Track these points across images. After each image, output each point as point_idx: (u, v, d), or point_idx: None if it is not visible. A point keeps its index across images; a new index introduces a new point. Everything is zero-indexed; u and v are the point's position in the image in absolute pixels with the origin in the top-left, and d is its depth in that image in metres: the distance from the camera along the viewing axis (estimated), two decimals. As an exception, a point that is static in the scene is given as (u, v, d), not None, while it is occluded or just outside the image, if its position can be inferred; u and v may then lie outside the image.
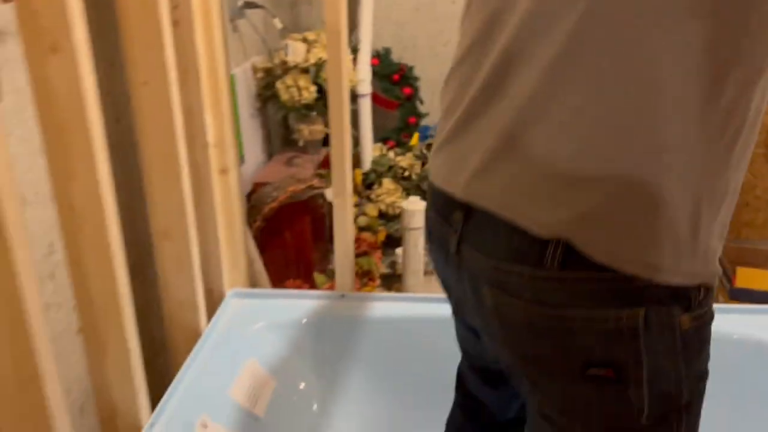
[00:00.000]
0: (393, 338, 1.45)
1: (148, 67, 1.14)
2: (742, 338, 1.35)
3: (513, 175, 0.61)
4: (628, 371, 0.60)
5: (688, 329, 0.60)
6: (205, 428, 1.14)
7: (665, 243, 0.58)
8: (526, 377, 0.67)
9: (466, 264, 0.67)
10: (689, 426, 0.65)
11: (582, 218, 0.58)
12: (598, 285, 0.58)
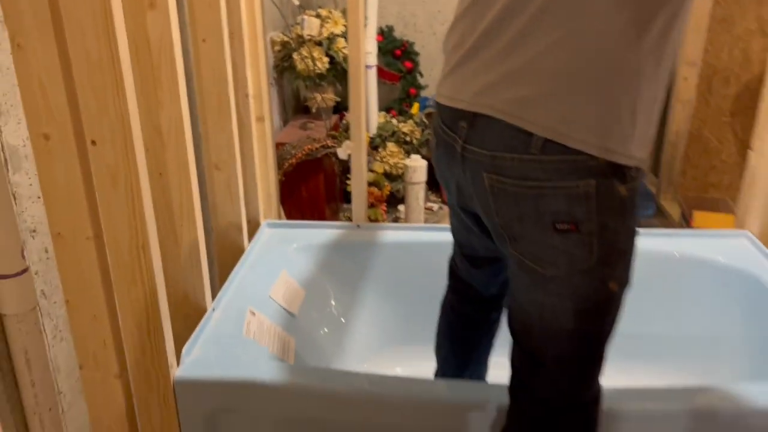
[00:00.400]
0: (399, 259, 1.74)
1: (207, 27, 1.42)
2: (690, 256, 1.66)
3: (508, 90, 0.88)
4: (584, 225, 0.86)
5: (625, 196, 0.87)
6: (254, 315, 1.43)
7: (616, 135, 0.85)
8: (513, 236, 0.93)
9: (469, 159, 0.93)
10: (625, 266, 0.93)
11: (560, 118, 0.84)
12: (566, 164, 0.85)
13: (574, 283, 0.90)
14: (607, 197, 0.86)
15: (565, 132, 0.84)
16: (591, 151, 0.84)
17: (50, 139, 1.00)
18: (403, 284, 1.73)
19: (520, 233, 0.91)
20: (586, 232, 0.87)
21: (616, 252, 0.90)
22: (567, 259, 0.89)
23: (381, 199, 2.53)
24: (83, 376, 1.17)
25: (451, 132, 0.97)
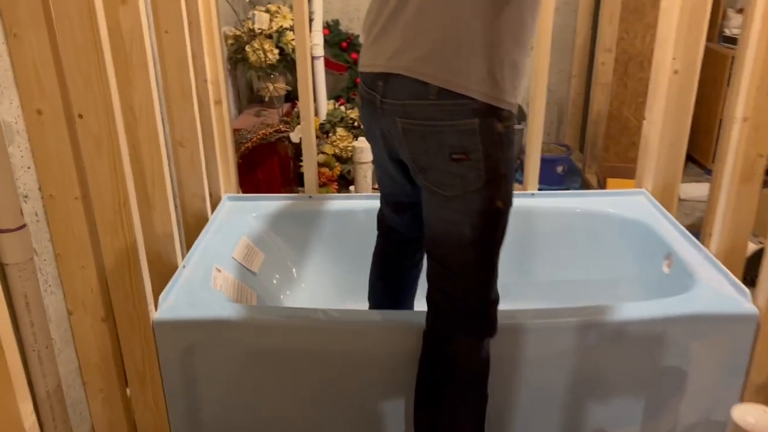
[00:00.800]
0: (347, 224, 1.97)
1: (169, 19, 1.61)
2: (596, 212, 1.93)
3: (410, 53, 1.13)
4: (473, 154, 1.12)
5: (502, 132, 1.13)
6: (219, 272, 1.64)
7: (491, 85, 1.10)
8: (422, 167, 1.18)
9: (387, 110, 1.19)
10: (507, 188, 1.19)
11: (448, 72, 1.10)
12: (456, 107, 1.11)
13: (469, 201, 1.16)
14: (488, 132, 1.13)
15: (454, 81, 1.11)
16: (473, 96, 1.10)
17: (42, 113, 1.19)
18: (350, 246, 1.95)
19: (427, 164, 1.18)
20: (474, 159, 1.13)
21: (499, 176, 1.17)
22: (462, 181, 1.16)
23: (332, 178, 2.75)
24: (73, 321, 1.36)
25: (372, 91, 1.23)
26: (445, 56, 1.11)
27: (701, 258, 1.61)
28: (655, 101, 1.90)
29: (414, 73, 1.13)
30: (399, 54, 1.15)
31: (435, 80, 1.11)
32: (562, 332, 1.39)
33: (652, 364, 1.42)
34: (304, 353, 1.41)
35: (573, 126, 3.42)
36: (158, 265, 1.55)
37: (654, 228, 1.81)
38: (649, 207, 1.91)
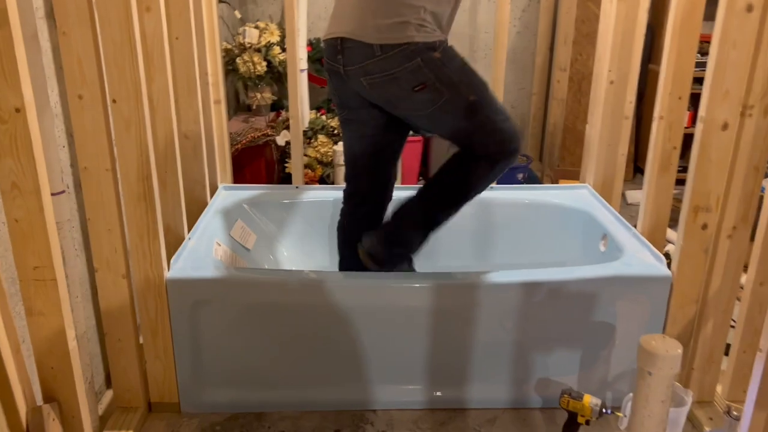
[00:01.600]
0: (329, 211, 2.23)
1: (180, 27, 1.88)
2: (545, 203, 2.23)
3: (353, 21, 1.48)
4: (428, 81, 1.48)
5: (439, 57, 1.49)
6: (219, 246, 1.89)
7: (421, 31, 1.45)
8: (397, 106, 1.55)
9: (351, 76, 1.53)
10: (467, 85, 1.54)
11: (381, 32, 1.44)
12: (399, 54, 1.46)
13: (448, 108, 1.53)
14: (430, 62, 1.49)
15: (388, 38, 1.47)
16: (406, 43, 1.46)
17: (83, 98, 1.44)
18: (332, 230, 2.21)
19: (399, 103, 1.55)
20: (430, 83, 1.50)
21: (455, 83, 1.53)
22: (432, 102, 1.52)
23: (314, 179, 3.01)
24: (98, 277, 1.59)
25: (335, 63, 1.58)
26: (377, 20, 1.47)
27: (630, 236, 1.90)
28: (594, 108, 2.22)
29: (360, 37, 1.48)
30: (349, 22, 1.52)
31: (375, 40, 1.47)
32: (511, 290, 1.66)
33: (587, 320, 1.70)
34: (290, 307, 1.66)
35: (534, 138, 3.75)
36: (168, 236, 1.79)
37: (594, 215, 2.11)
38: (591, 198, 2.22)
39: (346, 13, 1.53)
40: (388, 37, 1.46)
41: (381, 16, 1.46)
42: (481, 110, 1.55)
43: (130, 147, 1.50)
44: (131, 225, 1.57)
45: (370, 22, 1.47)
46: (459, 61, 1.55)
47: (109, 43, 1.42)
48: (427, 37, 1.47)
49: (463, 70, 1.55)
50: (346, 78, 1.56)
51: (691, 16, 1.67)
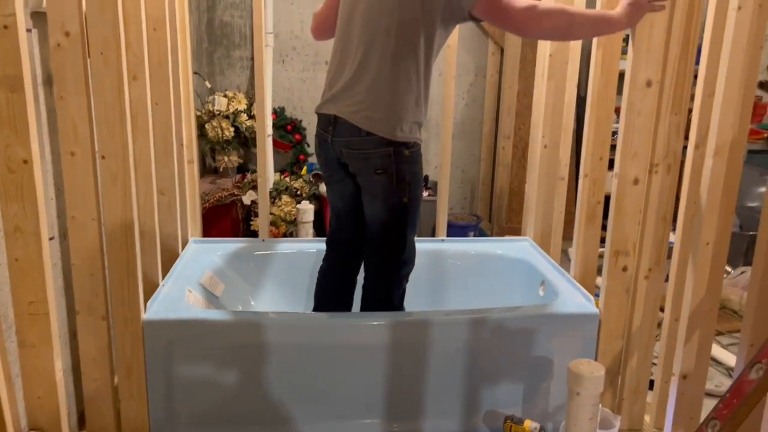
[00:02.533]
0: (293, 262, 2.41)
1: (159, 94, 2.09)
2: (490, 254, 2.45)
3: (348, 106, 1.72)
4: (389, 169, 1.72)
5: (408, 155, 1.73)
6: (190, 293, 2.03)
7: (398, 129, 1.70)
8: (360, 177, 1.79)
9: (335, 145, 1.78)
10: (411, 190, 1.78)
11: (372, 123, 1.69)
12: (378, 141, 1.70)
13: (387, 198, 1.77)
14: (399, 156, 1.74)
15: (375, 128, 1.71)
16: (388, 136, 1.71)
17: (75, 155, 1.62)
18: (295, 279, 2.39)
19: (361, 175, 1.80)
20: (390, 173, 1.74)
21: (405, 182, 1.78)
22: (382, 186, 1.77)
23: (278, 236, 3.19)
24: (79, 319, 1.71)
25: (326, 132, 1.83)
26: (371, 113, 1.72)
27: (564, 281, 2.13)
28: (532, 169, 2.49)
29: (352, 121, 1.73)
30: (343, 105, 1.77)
31: (364, 127, 1.72)
32: (459, 327, 1.85)
33: (528, 355, 1.89)
34: (259, 346, 1.81)
35: (483, 200, 4.03)
36: (144, 282, 1.93)
37: (533, 264, 2.34)
38: (531, 249, 2.46)
39: (344, 99, 1.76)
40: (376, 128, 1.71)
41: (375, 112, 1.71)
42: (404, 217, 1.81)
43: (115, 199, 1.67)
44: (112, 270, 1.72)
45: (364, 112, 1.72)
46: (419, 167, 1.81)
47: (101, 107, 1.61)
48: (405, 137, 1.73)
49: (416, 176, 1.80)
50: (332, 145, 1.82)
51: (605, 90, 1.96)
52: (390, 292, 1.92)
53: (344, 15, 1.81)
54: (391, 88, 1.70)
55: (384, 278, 1.91)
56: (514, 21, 1.63)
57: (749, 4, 1.43)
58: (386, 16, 1.69)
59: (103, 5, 1.54)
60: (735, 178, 1.56)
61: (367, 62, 1.71)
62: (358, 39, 1.74)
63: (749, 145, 3.75)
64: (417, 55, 1.70)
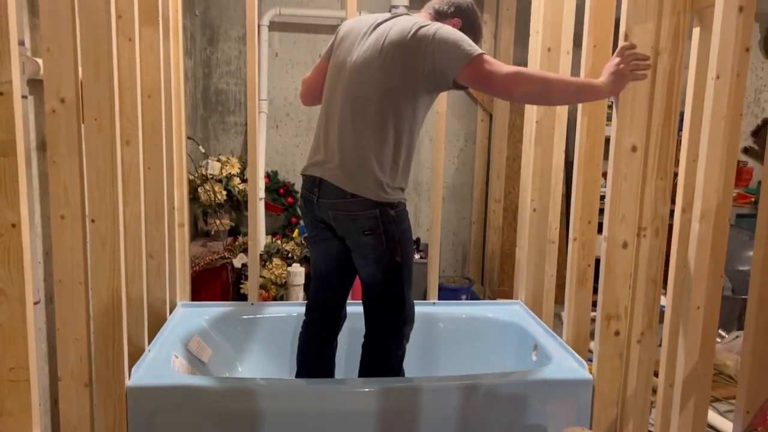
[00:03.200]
0: (281, 326, 2.37)
1: (152, 159, 2.11)
2: (483, 317, 2.43)
3: (333, 170, 1.76)
4: (376, 230, 1.74)
5: (395, 215, 1.76)
6: (176, 358, 1.99)
7: (383, 191, 1.73)
8: (348, 238, 1.80)
9: (321, 206, 1.79)
10: (402, 249, 1.79)
11: (357, 186, 1.72)
12: (364, 203, 1.73)
13: (380, 258, 1.78)
14: (385, 217, 1.76)
15: (359, 191, 1.74)
16: (372, 198, 1.74)
17: (65, 218, 1.62)
18: (283, 344, 2.35)
19: (350, 237, 1.80)
20: (378, 233, 1.76)
21: (395, 241, 1.79)
22: (372, 247, 1.78)
23: (268, 299, 3.16)
24: (62, 386, 1.67)
25: (311, 194, 1.85)
26: (355, 177, 1.75)
27: (557, 345, 2.11)
28: (522, 233, 2.50)
29: (337, 183, 1.76)
30: (328, 169, 1.80)
31: (349, 189, 1.75)
32: (451, 393, 1.81)
33: (522, 421, 1.85)
34: (248, 415, 1.76)
35: (475, 262, 4.03)
36: (129, 347, 1.89)
37: (526, 328, 2.32)
38: (523, 313, 2.44)
39: (328, 162, 1.79)
40: (361, 190, 1.74)
41: (358, 175, 1.74)
42: (399, 275, 1.83)
43: (103, 262, 1.66)
44: (98, 334, 1.69)
45: (348, 175, 1.75)
46: (406, 224, 1.84)
47: (93, 170, 1.62)
48: (389, 198, 1.77)
49: (404, 234, 1.82)
50: (318, 207, 1.83)
51: (592, 155, 2.00)
52: (389, 354, 1.90)
53: (330, 82, 1.87)
54: (374, 153, 1.74)
55: (384, 340, 1.90)
56: (497, 86, 1.67)
57: (727, 73, 1.48)
58: (368, 84, 1.75)
59: (99, 73, 1.58)
60: (722, 242, 1.57)
61: (349, 128, 1.76)
62: (341, 105, 1.79)
63: (737, 209, 3.81)
64: (400, 121, 1.76)
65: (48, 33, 1.52)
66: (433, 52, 1.69)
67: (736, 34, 1.47)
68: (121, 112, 1.76)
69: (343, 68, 1.82)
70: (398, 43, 1.73)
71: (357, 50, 1.81)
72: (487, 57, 1.68)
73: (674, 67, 1.71)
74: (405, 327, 1.91)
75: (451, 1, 1.90)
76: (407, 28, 1.74)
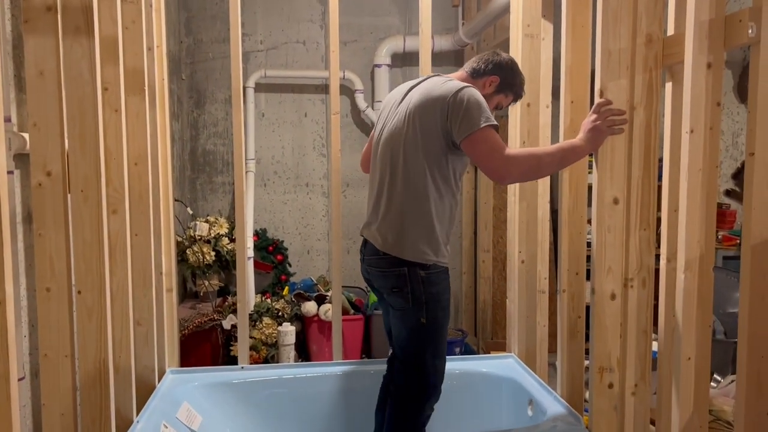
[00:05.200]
0: (274, 389, 2.34)
1: (139, 226, 2.11)
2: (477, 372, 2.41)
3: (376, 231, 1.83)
4: (404, 289, 1.78)
5: (424, 276, 1.78)
6: (166, 428, 1.95)
7: (415, 253, 1.77)
8: (382, 295, 1.89)
9: (365, 264, 1.89)
10: (429, 310, 1.80)
11: (388, 245, 1.78)
12: (393, 261, 1.79)
13: (405, 317, 1.83)
14: (413, 276, 1.80)
15: (388, 249, 1.81)
16: (401, 256, 1.79)
17: (51, 290, 1.61)
18: (274, 408, 2.31)
19: (383, 293, 1.89)
20: (405, 292, 1.81)
21: (421, 303, 1.81)
22: (400, 305, 1.85)
23: (258, 360, 3.11)
24: (46, 464, 1.63)
25: (361, 253, 1.96)
26: (387, 237, 1.83)
27: (552, 399, 2.08)
28: (511, 284, 2.51)
29: (374, 243, 1.86)
30: (371, 231, 1.90)
31: (381, 248, 1.83)
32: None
33: (519, 481, 1.81)
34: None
35: (467, 313, 4.01)
36: (117, 419, 1.86)
37: (520, 382, 2.29)
38: (517, 367, 2.42)
39: (372, 224, 1.90)
40: (390, 249, 1.82)
41: (390, 235, 1.83)
42: (422, 337, 1.84)
43: (90, 334, 1.64)
44: (85, 408, 1.66)
45: (382, 235, 1.84)
46: (438, 289, 1.83)
47: (79, 242, 1.62)
48: (419, 258, 1.80)
49: (434, 297, 1.82)
50: (365, 265, 1.96)
51: (575, 207, 2.03)
52: (406, 416, 1.89)
53: (373, 151, 2.00)
54: (406, 215, 1.81)
55: (404, 401, 1.89)
56: (490, 168, 1.73)
57: (700, 127, 1.52)
58: (397, 150, 1.84)
59: (84, 145, 1.60)
60: (708, 291, 1.58)
61: (384, 191, 1.87)
62: (380, 172, 1.90)
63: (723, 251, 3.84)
64: (428, 183, 1.79)
65: (34, 108, 1.54)
66: (449, 111, 1.75)
67: (707, 90, 1.51)
68: (108, 182, 1.78)
69: (381, 137, 1.93)
70: (420, 104, 1.80)
71: (390, 118, 1.92)
72: (489, 134, 1.70)
73: (650, 120, 1.76)
74: (424, 396, 1.89)
75: (490, 59, 1.92)
76: (429, 89, 1.82)
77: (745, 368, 1.42)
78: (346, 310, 3.39)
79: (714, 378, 3.16)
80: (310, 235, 3.99)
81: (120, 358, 1.87)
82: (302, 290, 3.54)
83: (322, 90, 3.94)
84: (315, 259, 4.00)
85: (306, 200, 3.97)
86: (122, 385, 1.88)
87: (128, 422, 1.88)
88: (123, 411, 1.88)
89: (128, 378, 1.88)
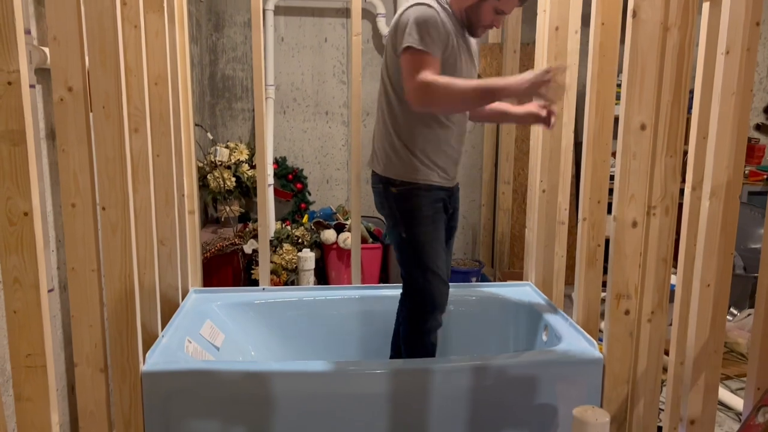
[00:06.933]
0: (293, 310, 2.39)
1: (161, 146, 2.12)
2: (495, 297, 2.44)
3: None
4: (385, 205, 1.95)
5: (395, 192, 1.88)
6: (190, 343, 2.01)
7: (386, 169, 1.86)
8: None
9: None
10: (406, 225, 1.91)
11: (373, 163, 1.87)
12: (375, 177, 1.96)
13: (391, 232, 2.00)
14: (387, 193, 1.94)
15: (374, 167, 1.91)
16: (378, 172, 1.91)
17: (76, 206, 1.63)
18: (295, 328, 2.37)
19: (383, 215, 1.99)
20: (385, 207, 1.94)
21: (398, 218, 1.93)
22: (387, 221, 1.99)
23: (279, 284, 3.18)
24: (78, 372, 1.69)
25: None
26: (373, 159, 1.93)
27: (567, 325, 2.11)
28: (531, 214, 2.50)
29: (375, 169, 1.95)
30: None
31: (370, 166, 1.94)
32: (461, 375, 1.82)
33: (533, 402, 1.86)
34: (261, 398, 1.78)
35: (485, 245, 4.02)
36: (143, 333, 1.91)
37: (536, 309, 2.32)
38: (533, 294, 2.44)
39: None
40: (373, 165, 1.97)
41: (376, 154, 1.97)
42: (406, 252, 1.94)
43: (115, 249, 1.67)
44: (112, 321, 1.71)
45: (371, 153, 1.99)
46: (411, 205, 1.89)
47: (102, 158, 1.63)
48: (393, 175, 1.89)
49: (411, 214, 1.89)
50: None
51: (601, 134, 1.99)
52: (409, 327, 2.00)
53: None
54: (386, 136, 1.93)
55: (406, 319, 2.02)
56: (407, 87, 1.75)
57: (737, 48, 1.46)
58: (383, 73, 1.95)
59: (105, 61, 1.58)
60: (733, 220, 1.56)
61: (377, 119, 2.00)
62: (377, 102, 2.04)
63: (749, 186, 3.78)
64: (390, 101, 1.90)
65: (54, 22, 1.52)
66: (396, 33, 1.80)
67: (747, 9, 1.45)
68: (129, 99, 1.77)
69: None
70: (390, 28, 1.88)
71: None
72: (406, 57, 1.73)
73: (684, 42, 1.69)
74: (421, 304, 1.97)
75: None
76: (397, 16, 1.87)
77: (765, 302, 1.41)
78: (365, 239, 3.42)
79: (730, 311, 3.17)
80: (329, 164, 3.98)
81: (144, 275, 1.91)
82: (321, 219, 3.56)
83: (342, 13, 3.85)
84: (334, 188, 4.01)
85: (326, 129, 3.94)
86: (147, 302, 1.93)
87: (154, 336, 1.94)
88: (148, 326, 1.94)
89: (153, 295, 1.93)
